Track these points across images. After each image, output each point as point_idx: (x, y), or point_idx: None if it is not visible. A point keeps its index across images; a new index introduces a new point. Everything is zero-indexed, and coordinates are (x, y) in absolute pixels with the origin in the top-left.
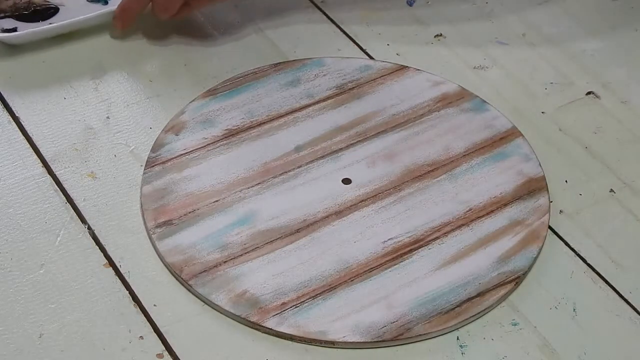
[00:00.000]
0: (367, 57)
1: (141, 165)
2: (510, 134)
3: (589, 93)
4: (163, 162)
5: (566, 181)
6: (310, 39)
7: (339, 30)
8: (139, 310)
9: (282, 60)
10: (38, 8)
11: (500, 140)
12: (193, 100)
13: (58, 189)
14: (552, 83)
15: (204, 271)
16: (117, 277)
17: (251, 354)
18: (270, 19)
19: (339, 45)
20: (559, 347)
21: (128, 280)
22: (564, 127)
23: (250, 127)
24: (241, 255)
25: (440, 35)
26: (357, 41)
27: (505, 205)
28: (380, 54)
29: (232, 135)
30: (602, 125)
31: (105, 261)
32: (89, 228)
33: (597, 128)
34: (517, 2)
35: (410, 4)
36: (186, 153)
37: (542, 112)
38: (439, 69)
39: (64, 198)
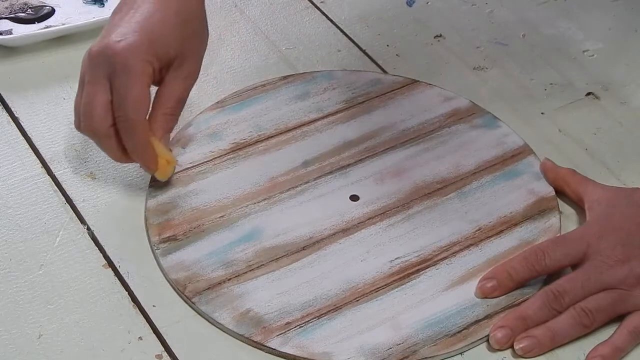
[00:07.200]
0: (366, 56)
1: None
2: (522, 152)
3: (588, 94)
4: None
5: None
6: (310, 40)
7: (338, 31)
8: (138, 311)
9: (291, 73)
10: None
11: (512, 158)
12: (200, 113)
13: (57, 189)
14: (552, 84)
15: (208, 288)
16: (116, 278)
17: None
18: (270, 18)
19: (339, 46)
20: (559, 347)
21: (127, 280)
22: (564, 128)
23: (257, 141)
24: (246, 272)
25: (440, 35)
26: (356, 42)
27: (515, 225)
28: (380, 54)
29: (239, 149)
30: (601, 126)
31: (105, 262)
32: (88, 229)
33: (596, 129)
34: (517, 2)
35: (409, 5)
36: (192, 167)
37: (542, 113)
38: (439, 69)
39: (63, 198)
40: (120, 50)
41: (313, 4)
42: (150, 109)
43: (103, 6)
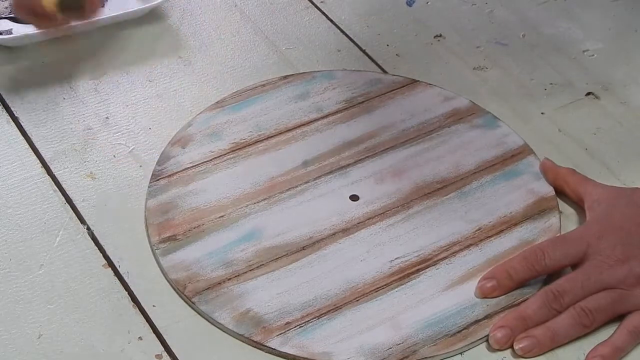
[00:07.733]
0: (366, 56)
1: (140, 166)
2: (522, 152)
3: (588, 94)
4: (169, 176)
5: None
6: (310, 40)
7: (338, 31)
8: (138, 311)
9: (291, 73)
10: None
11: (512, 158)
12: (200, 113)
13: (57, 189)
14: (551, 84)
15: (208, 288)
16: (116, 278)
17: None
18: (270, 18)
19: (339, 46)
20: (559, 347)
21: (127, 280)
22: (564, 128)
23: (257, 141)
24: (245, 272)
25: (440, 35)
26: (356, 42)
27: (515, 225)
28: (380, 54)
29: (239, 149)
30: (601, 126)
31: (105, 262)
32: (88, 228)
33: (596, 129)
34: (517, 2)
35: (409, 5)
36: (192, 166)
37: (542, 113)
38: (439, 69)
39: (63, 198)
40: None
41: (313, 4)
42: None
43: (103, 6)
